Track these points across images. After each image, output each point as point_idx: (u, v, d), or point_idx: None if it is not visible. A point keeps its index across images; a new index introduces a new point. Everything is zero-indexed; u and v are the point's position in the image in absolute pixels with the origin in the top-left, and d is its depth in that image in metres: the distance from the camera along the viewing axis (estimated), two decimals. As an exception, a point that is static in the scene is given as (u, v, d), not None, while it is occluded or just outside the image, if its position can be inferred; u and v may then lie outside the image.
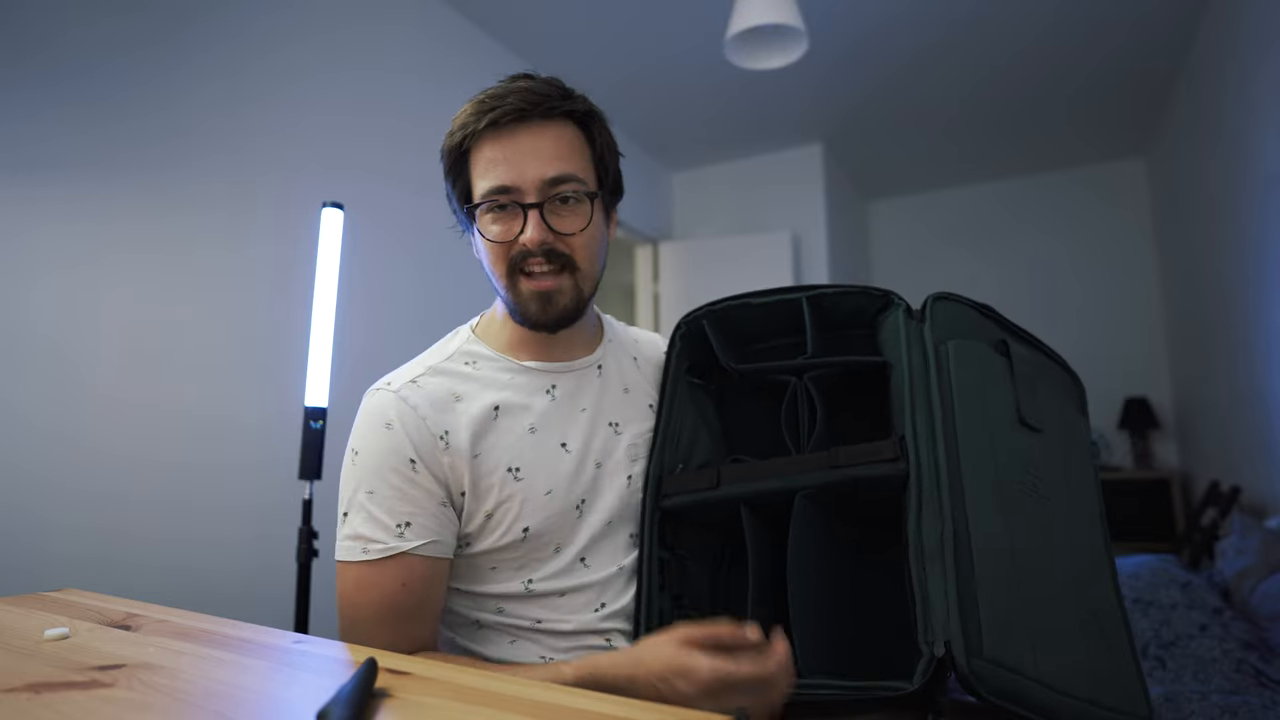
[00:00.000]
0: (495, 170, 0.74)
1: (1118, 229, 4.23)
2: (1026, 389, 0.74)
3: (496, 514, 0.75)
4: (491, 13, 2.67)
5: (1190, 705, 1.40)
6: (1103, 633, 0.68)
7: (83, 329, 1.53)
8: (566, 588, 0.78)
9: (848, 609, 0.76)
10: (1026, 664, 0.60)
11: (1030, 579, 0.65)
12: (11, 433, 1.40)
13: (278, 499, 1.78)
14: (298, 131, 2.02)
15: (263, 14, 1.95)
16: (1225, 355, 2.99)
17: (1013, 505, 0.67)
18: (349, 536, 0.73)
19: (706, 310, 0.87)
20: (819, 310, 0.83)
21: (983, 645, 0.59)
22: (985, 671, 0.59)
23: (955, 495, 0.65)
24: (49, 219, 1.49)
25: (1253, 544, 2.02)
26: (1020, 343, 0.79)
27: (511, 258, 0.76)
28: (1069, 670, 0.63)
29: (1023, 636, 0.61)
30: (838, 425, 0.80)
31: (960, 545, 0.63)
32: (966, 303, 0.78)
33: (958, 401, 0.69)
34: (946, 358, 0.72)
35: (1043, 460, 0.72)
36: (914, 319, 0.76)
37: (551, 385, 0.82)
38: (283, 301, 1.91)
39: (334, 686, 0.46)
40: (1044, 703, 0.60)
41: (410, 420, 0.74)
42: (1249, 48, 2.40)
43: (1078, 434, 0.79)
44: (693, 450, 0.85)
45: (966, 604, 0.60)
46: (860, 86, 3.30)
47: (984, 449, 0.68)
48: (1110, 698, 0.65)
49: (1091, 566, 0.72)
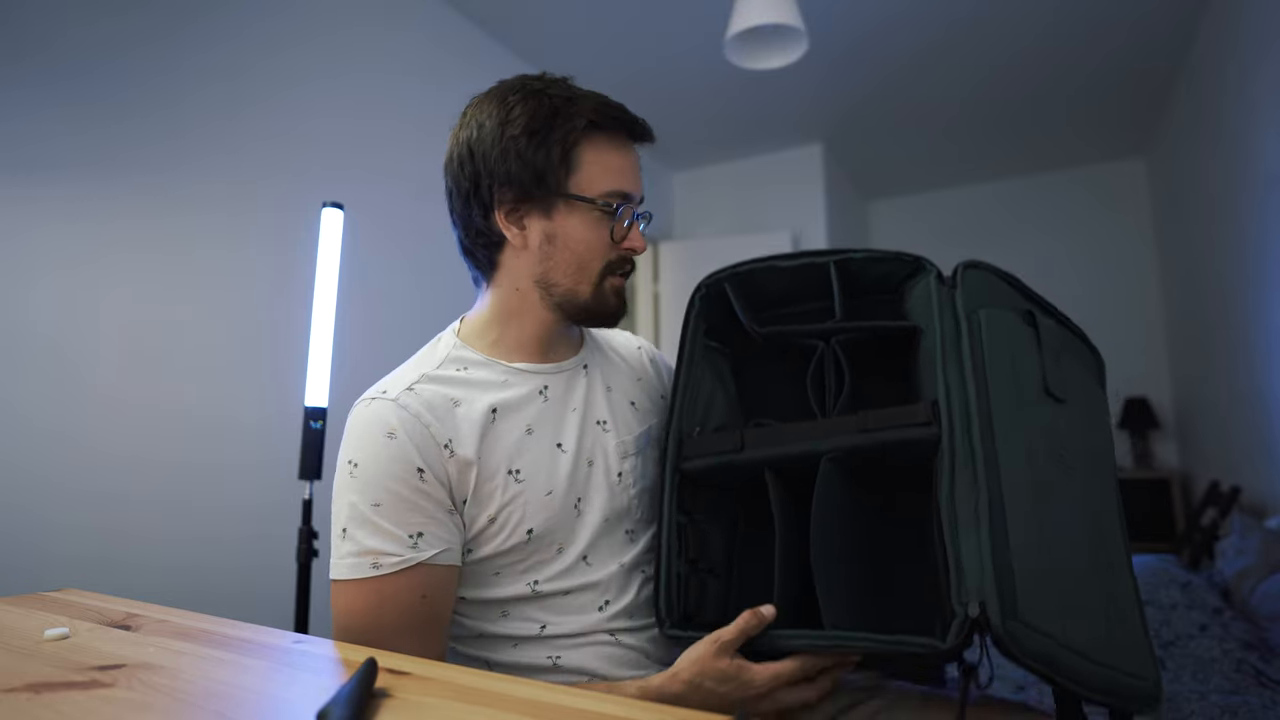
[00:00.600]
0: (624, 177, 0.79)
1: (1118, 229, 4.23)
2: (1052, 359, 0.74)
3: (500, 517, 0.74)
4: (492, 13, 2.67)
5: (1190, 705, 1.40)
6: (1120, 601, 0.69)
7: (83, 329, 1.53)
8: (571, 587, 0.77)
9: (870, 571, 0.75)
10: (1056, 630, 0.61)
11: (1058, 547, 0.65)
12: (12, 432, 1.40)
13: (278, 499, 1.78)
14: (298, 133, 2.02)
15: (264, 16, 1.95)
16: (1225, 355, 3.00)
17: (1042, 474, 0.67)
18: (354, 553, 0.69)
19: (730, 273, 0.86)
20: (846, 274, 0.82)
21: (1018, 607, 0.59)
22: (1020, 633, 0.59)
23: (990, 465, 0.65)
24: (49, 219, 1.49)
25: (1253, 544, 2.02)
26: (1045, 314, 0.79)
27: (610, 260, 0.79)
28: (1094, 637, 0.63)
29: (1053, 602, 0.61)
30: (863, 391, 0.79)
31: (995, 515, 0.62)
32: (994, 271, 0.77)
33: (990, 369, 0.69)
34: (979, 325, 0.71)
35: (1067, 431, 0.72)
36: (945, 285, 0.76)
37: (544, 386, 0.81)
38: (283, 302, 1.91)
39: (334, 686, 0.47)
40: (1074, 668, 0.61)
41: (414, 428, 0.72)
42: (1249, 48, 2.40)
43: (1098, 407, 0.79)
44: (709, 413, 0.84)
45: (1001, 568, 0.60)
46: (860, 86, 3.30)
47: (1015, 418, 0.68)
48: (1130, 664, 0.65)
49: (1110, 535, 0.72)
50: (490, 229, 0.79)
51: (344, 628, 0.70)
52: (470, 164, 0.77)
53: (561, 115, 0.75)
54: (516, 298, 0.81)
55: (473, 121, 0.79)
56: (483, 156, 0.76)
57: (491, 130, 0.76)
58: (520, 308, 0.81)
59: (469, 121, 0.79)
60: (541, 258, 0.78)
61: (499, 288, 0.82)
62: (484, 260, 0.82)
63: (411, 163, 2.31)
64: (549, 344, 0.83)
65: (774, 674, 0.66)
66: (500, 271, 0.81)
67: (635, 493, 0.84)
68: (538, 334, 0.82)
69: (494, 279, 0.82)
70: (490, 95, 0.80)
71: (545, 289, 0.80)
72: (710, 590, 0.79)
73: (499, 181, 0.76)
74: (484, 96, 0.80)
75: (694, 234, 4.17)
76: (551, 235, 0.78)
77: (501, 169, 0.75)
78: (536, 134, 0.75)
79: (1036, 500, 0.65)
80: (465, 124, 0.80)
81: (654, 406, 0.91)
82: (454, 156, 0.80)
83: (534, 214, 0.77)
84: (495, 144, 0.76)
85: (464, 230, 0.81)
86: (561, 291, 0.79)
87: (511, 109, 0.76)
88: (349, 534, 0.70)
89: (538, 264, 0.79)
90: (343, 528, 0.71)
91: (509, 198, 0.77)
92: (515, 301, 0.81)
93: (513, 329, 0.82)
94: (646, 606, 0.82)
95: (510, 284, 0.81)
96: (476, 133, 0.77)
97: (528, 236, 0.78)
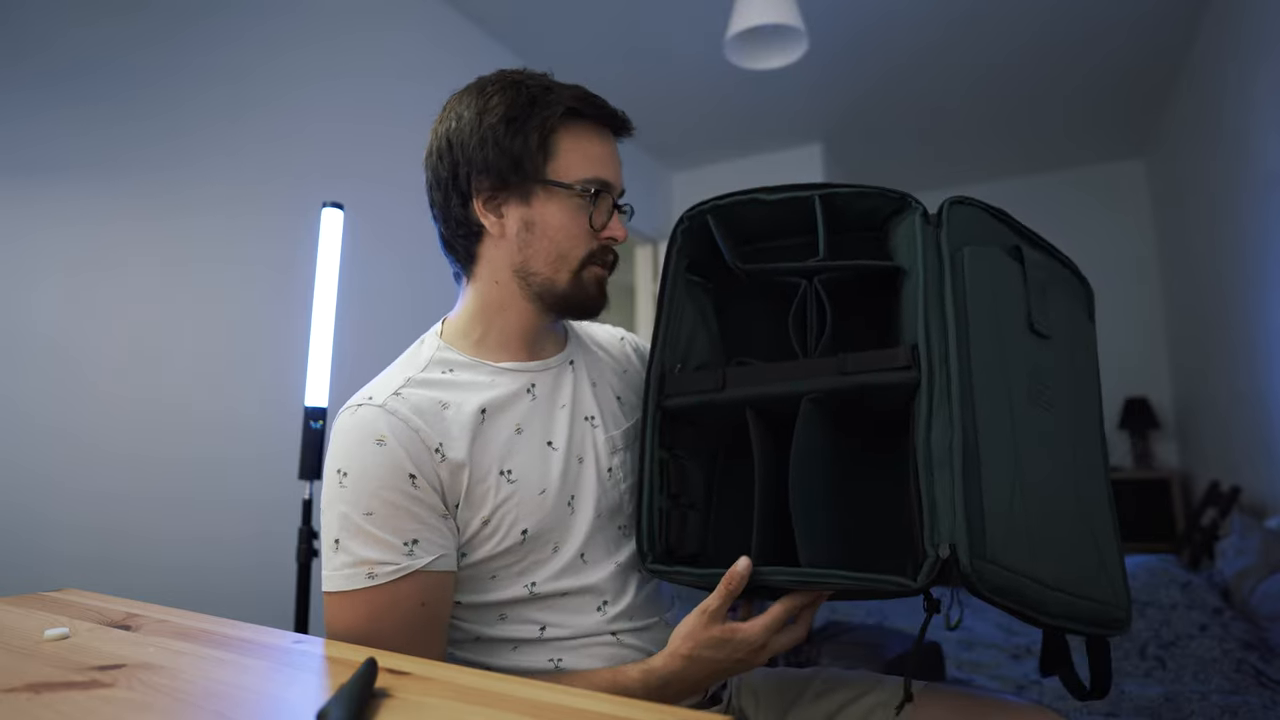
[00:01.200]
0: (603, 165, 0.78)
1: (1117, 230, 4.23)
2: (1038, 295, 0.74)
3: (494, 519, 0.74)
4: (492, 13, 2.67)
5: (1190, 705, 1.40)
6: (1095, 534, 0.70)
7: (84, 329, 1.53)
8: (569, 589, 0.77)
9: (847, 512, 0.76)
10: (1024, 564, 0.63)
11: (1032, 483, 0.66)
12: (13, 432, 1.40)
13: (278, 498, 1.78)
14: (299, 134, 2.02)
15: (265, 17, 1.95)
16: (1225, 355, 3.00)
17: (1019, 411, 0.68)
18: (349, 564, 0.68)
19: (712, 205, 0.84)
20: (831, 210, 0.81)
21: (986, 548, 0.61)
22: (987, 572, 0.61)
23: (966, 405, 0.65)
24: (51, 220, 1.49)
25: (1253, 544, 2.02)
26: (1034, 247, 0.79)
27: (592, 249, 0.79)
28: (1062, 569, 0.65)
29: (1022, 538, 0.63)
30: (845, 330, 0.79)
31: (969, 452, 0.63)
32: (982, 206, 0.77)
33: (972, 310, 0.69)
34: (962, 264, 0.71)
35: (1050, 367, 0.73)
36: (930, 224, 0.75)
37: (531, 385, 0.81)
38: (283, 302, 1.91)
39: (333, 686, 0.47)
40: (1036, 598, 0.63)
41: (403, 434, 0.70)
42: (1249, 48, 2.40)
43: (1085, 338, 0.80)
44: (690, 350, 0.84)
45: (973, 509, 0.62)
46: (859, 86, 3.30)
47: (995, 357, 0.69)
48: (1098, 593, 0.68)
49: (1089, 471, 0.73)
50: (469, 219, 0.78)
51: (344, 639, 0.68)
52: (449, 154, 0.77)
53: (539, 103, 0.75)
54: (497, 290, 0.80)
55: (451, 114, 0.79)
56: (461, 146, 0.76)
57: (469, 120, 0.76)
58: (501, 301, 0.80)
59: (448, 114, 0.79)
60: (520, 246, 0.78)
61: (479, 281, 0.81)
62: (463, 253, 0.81)
63: (411, 163, 2.27)
64: (534, 340, 0.83)
65: (764, 626, 0.68)
66: (480, 264, 0.80)
67: (626, 488, 0.83)
68: (521, 329, 0.82)
69: (474, 272, 0.81)
70: (469, 88, 0.80)
71: (524, 279, 0.79)
72: (690, 523, 0.80)
73: (476, 170, 0.76)
74: (463, 90, 0.81)
75: (694, 234, 4.17)
76: (530, 223, 0.77)
77: (479, 157, 0.75)
78: (514, 121, 0.75)
79: (1015, 439, 0.66)
80: (444, 117, 0.80)
81: (639, 400, 0.91)
82: (433, 149, 0.80)
83: (512, 201, 0.77)
84: (473, 133, 0.76)
85: (444, 223, 0.81)
86: (540, 281, 0.78)
87: (490, 98, 0.76)
88: (342, 545, 0.69)
89: (516, 253, 0.78)
90: (335, 539, 0.70)
91: (486, 186, 0.76)
92: (496, 294, 0.80)
93: (496, 325, 0.81)
94: (646, 606, 0.82)
95: (490, 276, 0.80)
96: (455, 123, 0.77)
97: (506, 225, 0.78)
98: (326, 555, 0.70)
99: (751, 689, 0.90)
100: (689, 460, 0.82)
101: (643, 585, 0.82)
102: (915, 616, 2.30)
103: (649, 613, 0.82)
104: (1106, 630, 0.68)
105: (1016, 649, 1.93)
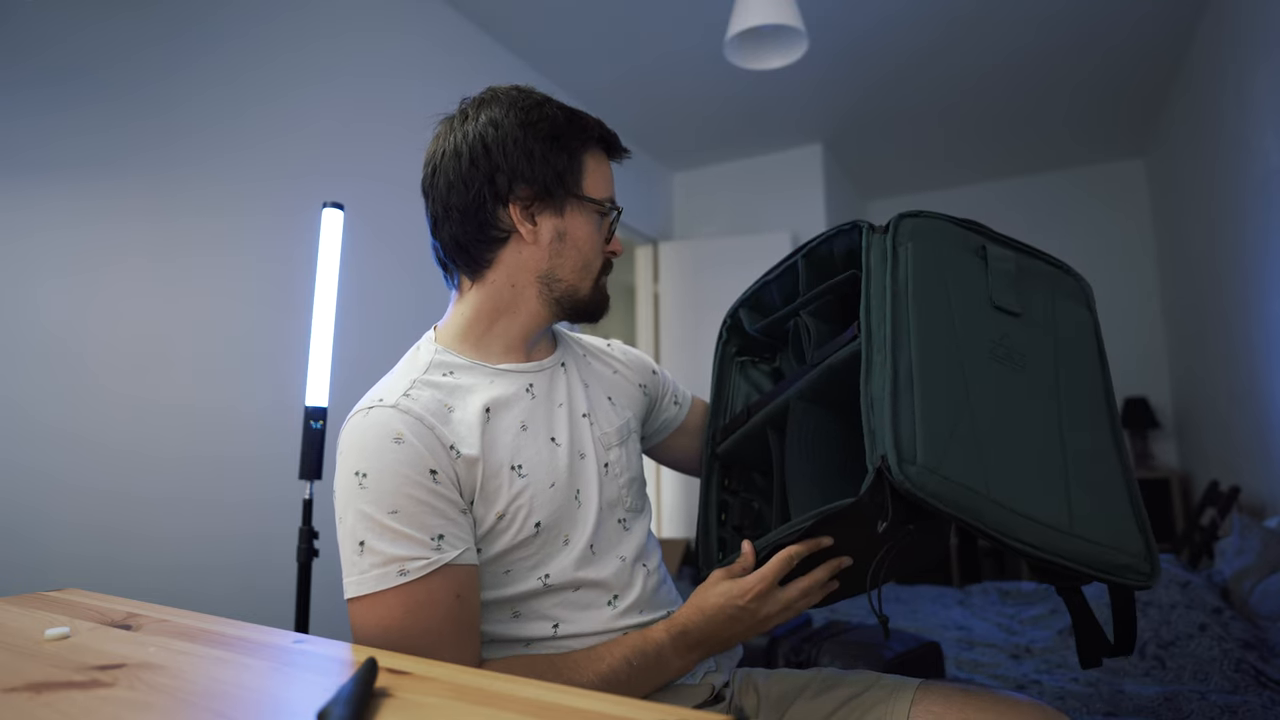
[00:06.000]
0: (611, 186, 0.88)
1: (1117, 230, 4.23)
2: (1002, 279, 0.80)
3: (509, 513, 0.75)
4: (492, 13, 2.67)
5: (1190, 705, 1.40)
6: (1101, 482, 0.73)
7: (85, 328, 1.53)
8: (581, 581, 0.79)
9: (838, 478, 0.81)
10: (978, 483, 0.66)
11: (988, 420, 0.70)
12: (13, 431, 1.40)
13: (278, 498, 1.78)
14: (299, 134, 2.02)
15: (265, 18, 1.95)
16: (1225, 355, 3.00)
17: (972, 363, 0.73)
18: (378, 564, 0.68)
19: (739, 301, 1.04)
20: (815, 261, 0.93)
21: (916, 454, 0.65)
22: (922, 478, 0.64)
23: (900, 349, 0.71)
24: (52, 220, 1.49)
25: (1252, 544, 2.02)
26: (1005, 247, 0.84)
27: (605, 260, 0.88)
28: (1015, 492, 0.67)
29: (973, 459, 0.67)
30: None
31: (901, 381, 0.70)
32: (942, 218, 0.82)
33: (913, 284, 0.75)
34: (907, 254, 0.78)
35: (1019, 335, 0.78)
36: (877, 232, 0.83)
37: (529, 384, 0.83)
38: (283, 302, 1.91)
39: (334, 686, 0.47)
40: (1003, 523, 0.65)
41: (420, 431, 0.71)
42: (1249, 48, 2.41)
43: (1075, 320, 0.84)
44: None
45: (904, 428, 0.67)
46: (860, 86, 3.30)
47: (941, 321, 0.74)
48: (1094, 533, 0.68)
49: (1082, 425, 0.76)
50: (498, 223, 0.80)
51: (379, 644, 0.67)
52: (486, 159, 0.79)
53: (575, 125, 0.82)
54: (511, 293, 0.83)
55: (484, 120, 0.80)
56: (503, 152, 0.79)
57: (510, 130, 0.80)
58: (513, 303, 0.83)
59: (478, 120, 0.81)
60: (551, 254, 0.82)
61: (490, 284, 0.82)
62: (477, 254, 0.82)
63: (412, 163, 2.27)
64: (532, 343, 0.87)
65: (760, 575, 0.76)
66: (496, 268, 0.82)
67: (624, 482, 0.87)
68: (524, 332, 0.84)
69: (485, 275, 0.82)
70: (496, 99, 0.82)
71: (548, 284, 0.83)
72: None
73: (520, 178, 0.79)
74: (488, 100, 0.82)
75: (694, 234, 4.17)
76: (562, 233, 0.82)
77: (525, 167, 0.79)
78: (560, 139, 0.81)
79: (965, 381, 0.72)
80: (471, 121, 0.81)
81: (628, 400, 0.96)
82: (459, 150, 0.80)
83: (547, 212, 0.81)
84: (518, 144, 0.79)
85: (462, 224, 0.81)
86: (564, 287, 0.84)
87: (529, 112, 0.81)
88: (368, 546, 0.68)
89: (545, 259, 0.82)
90: (359, 541, 0.69)
91: (526, 194, 0.80)
92: (508, 297, 0.83)
93: (500, 326, 0.83)
94: (654, 598, 0.85)
95: (506, 279, 0.82)
96: (494, 131, 0.80)
97: (539, 233, 0.81)
98: (350, 560, 0.69)
99: (752, 688, 0.91)
100: (752, 499, 0.99)
101: (648, 579, 0.85)
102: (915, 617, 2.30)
103: (657, 605, 0.85)
104: (1117, 577, 0.69)
105: (1016, 649, 1.93)
